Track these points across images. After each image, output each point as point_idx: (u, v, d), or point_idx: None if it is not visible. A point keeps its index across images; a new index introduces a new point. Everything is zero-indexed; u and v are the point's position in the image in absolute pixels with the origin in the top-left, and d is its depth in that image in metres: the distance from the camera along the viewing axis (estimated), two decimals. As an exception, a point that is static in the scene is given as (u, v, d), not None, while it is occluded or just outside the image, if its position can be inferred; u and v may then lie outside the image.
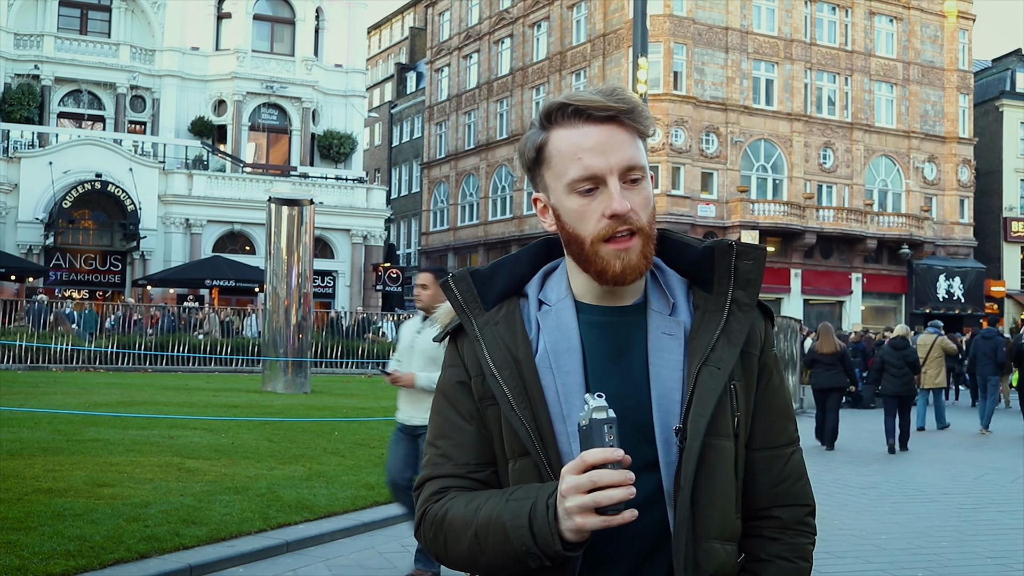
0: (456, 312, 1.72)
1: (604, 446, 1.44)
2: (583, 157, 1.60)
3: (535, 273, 1.75)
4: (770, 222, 40.98)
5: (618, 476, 1.42)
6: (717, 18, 41.84)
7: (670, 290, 1.70)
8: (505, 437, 1.65)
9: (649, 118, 1.64)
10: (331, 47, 41.58)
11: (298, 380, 19.48)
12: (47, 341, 24.41)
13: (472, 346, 1.69)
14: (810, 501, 1.75)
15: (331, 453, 10.86)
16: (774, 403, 1.73)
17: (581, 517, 1.44)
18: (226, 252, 36.59)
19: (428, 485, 1.69)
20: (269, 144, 40.86)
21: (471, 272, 1.72)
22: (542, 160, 1.66)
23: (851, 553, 7.75)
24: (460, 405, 1.70)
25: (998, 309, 47.97)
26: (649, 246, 1.63)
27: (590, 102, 1.61)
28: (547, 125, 1.65)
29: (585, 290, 1.68)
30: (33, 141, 35.91)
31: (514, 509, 1.54)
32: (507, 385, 1.62)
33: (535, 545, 1.50)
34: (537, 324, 1.68)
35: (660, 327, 1.66)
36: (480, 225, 51.35)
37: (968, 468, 13.22)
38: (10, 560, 5.80)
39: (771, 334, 1.76)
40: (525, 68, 49.10)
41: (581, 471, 1.44)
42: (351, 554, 7.20)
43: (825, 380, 15.26)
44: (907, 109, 46.30)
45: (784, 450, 1.73)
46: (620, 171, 1.60)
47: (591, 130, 1.61)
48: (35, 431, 11.28)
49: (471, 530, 1.58)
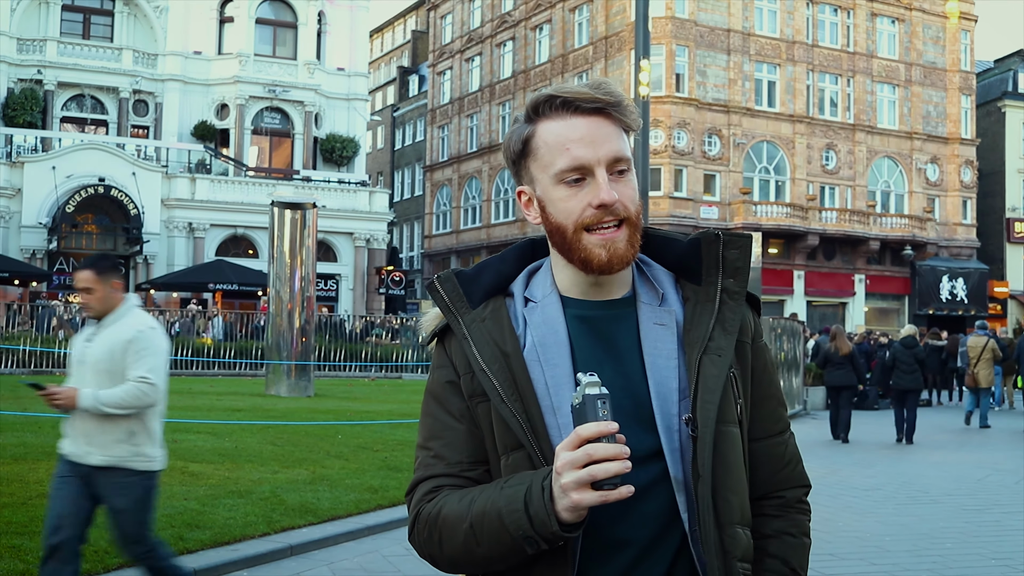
0: (442, 312, 1.73)
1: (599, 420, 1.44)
2: (571, 148, 1.62)
3: (520, 272, 1.76)
4: (773, 224, 40.95)
5: (613, 449, 1.43)
6: (719, 20, 41.84)
7: (658, 282, 1.72)
8: (496, 432, 1.65)
9: (635, 112, 1.66)
10: (333, 50, 41.61)
11: (301, 384, 19.48)
12: (51, 345, 24.44)
13: (460, 344, 1.69)
14: (807, 482, 1.80)
15: (335, 457, 10.86)
16: (770, 391, 1.77)
17: (577, 493, 1.44)
18: (229, 256, 36.63)
19: (421, 486, 1.69)
20: (272, 148, 40.89)
21: (456, 272, 1.74)
22: (528, 152, 1.69)
23: (855, 555, 7.74)
24: (450, 405, 1.70)
25: (1001, 310, 47.91)
26: (636, 235, 1.65)
27: (578, 94, 1.63)
28: (534, 118, 1.67)
29: (571, 284, 1.69)
30: (36, 146, 35.98)
31: (509, 495, 1.54)
32: (497, 379, 1.63)
33: (532, 528, 1.50)
34: (524, 320, 1.69)
35: (652, 318, 1.67)
36: (483, 228, 51.35)
37: (972, 470, 13.20)
38: (14, 564, 5.81)
39: (759, 324, 1.78)
40: (527, 71, 49.12)
41: (576, 446, 1.44)
42: (355, 558, 7.21)
43: (838, 379, 16.66)
44: (909, 110, 46.27)
45: (782, 437, 1.78)
46: (608, 162, 1.62)
47: (579, 122, 1.63)
48: (39, 435, 11.28)
49: (466, 523, 1.57)
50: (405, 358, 29.05)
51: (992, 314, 46.54)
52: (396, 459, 10.80)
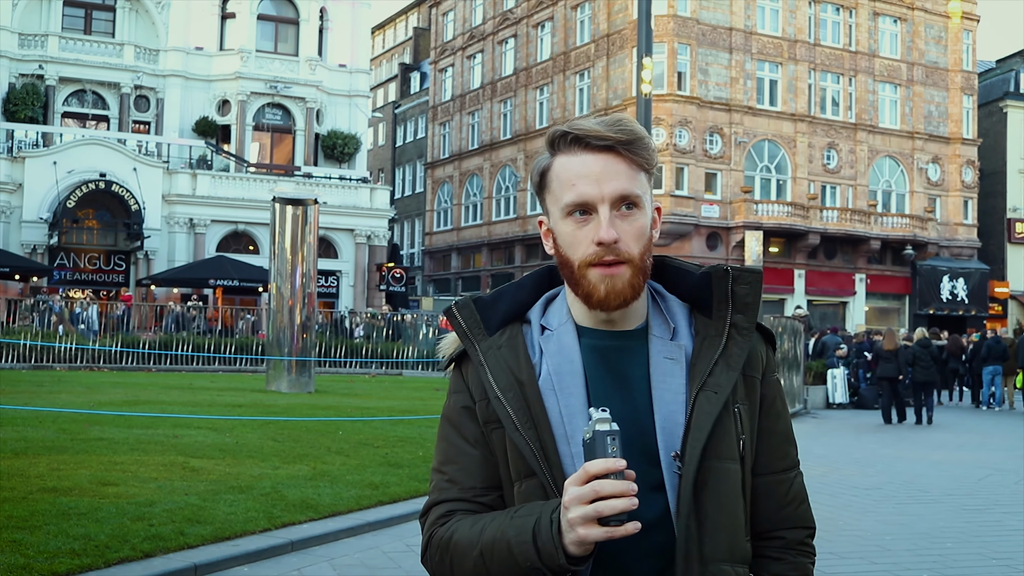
0: (460, 338, 1.75)
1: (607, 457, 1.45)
2: (577, 184, 1.64)
3: (537, 299, 1.78)
4: (774, 223, 40.95)
5: (620, 486, 1.43)
6: (721, 18, 41.82)
7: (671, 315, 1.73)
8: (510, 459, 1.66)
9: (651, 151, 1.67)
10: (335, 47, 41.59)
11: (302, 380, 19.47)
12: (51, 340, 24.44)
13: (476, 371, 1.71)
14: (811, 524, 1.79)
15: (335, 452, 10.86)
16: (777, 428, 1.76)
17: (584, 528, 1.45)
18: (230, 252, 36.59)
19: (434, 510, 1.71)
20: (273, 144, 40.89)
21: (474, 299, 1.76)
22: (545, 185, 1.71)
23: (855, 554, 7.75)
24: (465, 430, 1.72)
25: (1002, 310, 47.91)
26: (638, 277, 1.65)
27: (588, 131, 1.64)
28: (552, 151, 1.70)
29: (586, 315, 1.70)
30: (37, 141, 35.94)
31: (519, 526, 1.55)
32: (511, 406, 1.64)
33: (539, 560, 1.51)
34: (540, 348, 1.70)
35: (662, 352, 1.68)
36: (484, 225, 51.35)
37: (972, 469, 13.21)
38: (15, 559, 5.81)
39: (772, 359, 1.78)
40: (529, 68, 49.10)
41: (583, 482, 1.45)
42: (355, 554, 7.21)
43: (887, 371, 20.03)
44: (911, 110, 46.26)
45: (787, 475, 1.77)
46: (612, 200, 1.63)
47: (588, 158, 1.64)
48: (39, 430, 11.29)
49: (476, 550, 1.59)
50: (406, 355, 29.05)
51: (992, 314, 46.54)
52: (397, 455, 10.80)
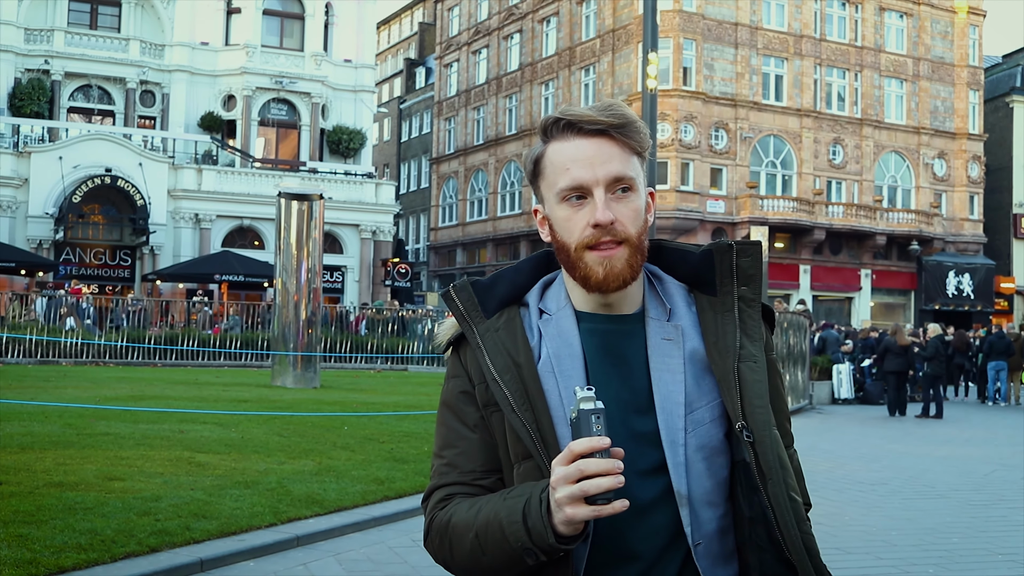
0: (457, 321, 1.75)
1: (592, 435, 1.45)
2: (571, 168, 1.65)
3: (535, 283, 1.78)
4: (779, 218, 40.89)
5: (605, 464, 1.43)
6: (727, 14, 41.75)
7: (668, 296, 1.73)
8: (509, 441, 1.67)
9: (643, 134, 1.68)
10: (340, 42, 41.58)
11: (307, 375, 19.49)
12: (57, 335, 24.47)
13: (474, 354, 1.72)
14: (808, 499, 1.80)
15: (341, 448, 10.87)
16: (778, 405, 1.77)
17: (571, 507, 1.45)
18: (235, 247, 36.66)
19: (435, 494, 1.72)
20: (278, 139, 40.89)
21: (472, 282, 1.76)
22: (539, 172, 1.72)
23: (862, 549, 7.74)
24: (464, 415, 1.73)
25: (1008, 306, 47.82)
26: (636, 257, 1.66)
27: (581, 116, 1.66)
28: (545, 139, 1.71)
29: (584, 300, 1.71)
30: (43, 136, 36.01)
31: (510, 506, 1.56)
32: (508, 389, 1.65)
33: (530, 540, 1.52)
34: (539, 331, 1.71)
35: (659, 333, 1.69)
36: (489, 220, 51.33)
37: (978, 464, 13.19)
38: (22, 553, 5.82)
39: (771, 338, 1.79)
40: (534, 63, 49.07)
41: (569, 461, 1.45)
42: (361, 548, 7.21)
43: (896, 365, 20.82)
44: (917, 105, 46.16)
45: (789, 450, 1.77)
46: (607, 182, 1.64)
47: (582, 143, 1.66)
48: (45, 425, 11.31)
49: (472, 532, 1.60)
50: (411, 350, 29.06)
51: (998, 310, 46.47)
52: (402, 450, 10.81)
